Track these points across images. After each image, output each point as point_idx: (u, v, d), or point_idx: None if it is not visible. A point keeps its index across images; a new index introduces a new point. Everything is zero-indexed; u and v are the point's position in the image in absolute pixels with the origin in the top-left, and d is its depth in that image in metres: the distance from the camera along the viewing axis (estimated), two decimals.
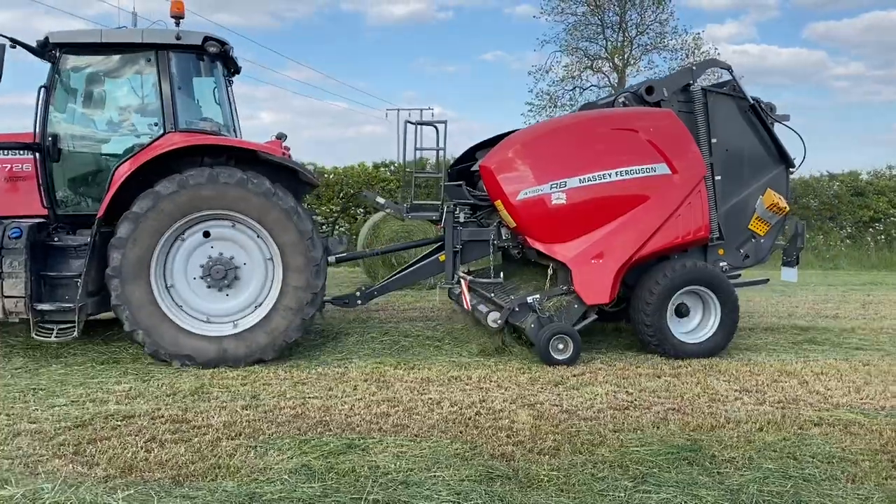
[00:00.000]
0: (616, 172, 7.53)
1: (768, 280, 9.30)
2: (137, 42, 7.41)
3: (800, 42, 71.55)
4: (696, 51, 35.67)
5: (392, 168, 19.35)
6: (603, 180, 7.52)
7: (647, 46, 36.29)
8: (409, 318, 10.00)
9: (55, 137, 7.37)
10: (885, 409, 5.98)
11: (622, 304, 8.10)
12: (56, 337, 6.90)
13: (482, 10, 72.88)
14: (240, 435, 5.02)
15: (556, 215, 7.50)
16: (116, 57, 7.59)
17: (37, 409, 5.59)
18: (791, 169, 8.43)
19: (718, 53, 34.43)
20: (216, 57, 7.83)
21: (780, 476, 4.36)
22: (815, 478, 4.36)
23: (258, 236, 7.28)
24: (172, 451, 4.64)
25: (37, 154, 7.38)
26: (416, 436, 5.06)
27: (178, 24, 7.50)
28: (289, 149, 8.70)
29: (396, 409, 5.72)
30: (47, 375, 6.69)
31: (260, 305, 7.34)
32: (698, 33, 37.54)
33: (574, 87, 37.32)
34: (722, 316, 7.86)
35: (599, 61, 36.81)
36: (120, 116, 7.94)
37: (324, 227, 13.98)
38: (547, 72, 36.96)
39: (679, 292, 7.76)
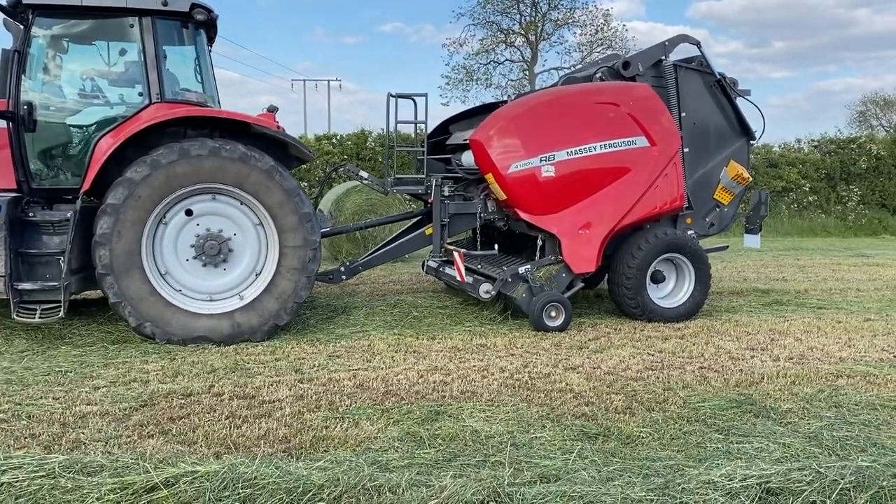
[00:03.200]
0: (601, 145, 7.85)
1: (727, 246, 9.91)
2: (121, 6, 7.02)
3: (684, 20, 74.94)
4: (604, 26, 36.90)
5: (334, 141, 19.13)
6: (589, 153, 7.83)
7: (559, 21, 37.14)
8: (402, 291, 10.06)
9: (30, 106, 6.92)
10: (885, 361, 6.57)
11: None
12: (40, 318, 6.53)
13: None
14: (318, 407, 5.02)
15: (545, 187, 7.75)
16: (97, 22, 7.20)
17: (82, 391, 5.37)
18: (752, 141, 9.00)
19: (626, 29, 35.57)
20: (201, 25, 7.56)
21: (843, 423, 4.78)
22: (871, 423, 4.79)
23: (242, 203, 7.12)
24: (263, 426, 4.61)
25: (10, 124, 6.93)
26: (490, 401, 5.20)
27: None
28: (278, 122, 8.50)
29: (451, 377, 5.84)
30: (63, 358, 6.40)
31: (261, 273, 7.22)
32: (608, 10, 38.65)
33: (489, 62, 37.88)
34: (696, 281, 8.34)
35: (513, 36, 37.40)
36: (100, 85, 7.55)
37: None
38: (462, 45, 37.31)
39: (657, 260, 8.19)
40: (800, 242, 19.07)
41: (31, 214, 6.86)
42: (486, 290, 7.86)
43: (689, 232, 8.69)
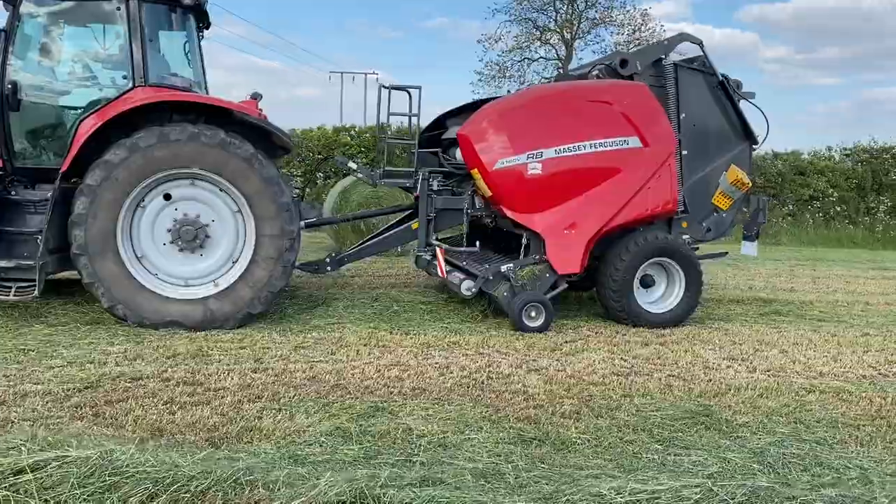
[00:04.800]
0: (590, 144, 7.65)
1: (727, 253, 9.62)
2: None
3: (733, 23, 73.58)
4: (642, 26, 36.35)
5: (352, 133, 19.14)
6: (578, 152, 7.63)
7: (595, 20, 36.70)
8: (391, 285, 10.00)
9: (15, 85, 6.96)
10: (867, 377, 6.30)
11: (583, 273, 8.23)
12: (15, 296, 6.61)
13: None
14: (260, 398, 4.97)
15: (531, 185, 7.58)
16: (84, 3, 7.24)
17: (35, 370, 5.40)
18: (754, 146, 8.73)
19: (664, 30, 34.95)
20: (189, 10, 7.55)
21: (795, 439, 4.58)
22: (826, 441, 4.59)
23: (221, 190, 7.09)
24: (197, 414, 4.57)
25: None
26: (437, 399, 5.10)
27: None
28: (262, 110, 8.35)
29: (408, 373, 5.74)
30: (32, 336, 6.45)
31: (237, 260, 7.19)
32: (646, 9, 38.07)
33: (523, 59, 37.60)
34: (686, 287, 8.11)
35: (548, 33, 37.08)
36: (86, 67, 7.58)
37: (296, 191, 13.68)
38: (496, 41, 37.10)
39: (645, 264, 7.97)
40: (823, 253, 18.54)
41: (12, 193, 6.95)
42: (467, 286, 7.75)
43: (685, 236, 8.47)
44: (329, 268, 8.45)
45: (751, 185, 8.56)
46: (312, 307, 8.16)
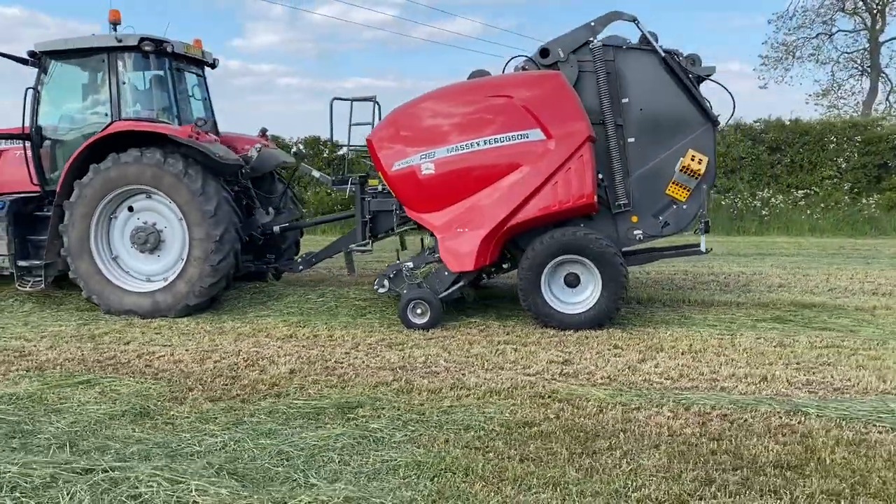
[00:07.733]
0: (485, 141, 7.46)
1: (711, 250, 8.41)
2: (94, 46, 8.83)
3: None
4: None
5: None
6: (471, 149, 7.49)
7: None
8: (351, 283, 10.47)
9: (39, 129, 9.07)
10: (684, 388, 5.54)
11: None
12: (31, 287, 8.77)
13: None
14: (39, 369, 6.16)
15: (425, 185, 7.65)
16: (85, 60, 9.05)
17: None
18: (717, 126, 7.61)
19: None
20: (159, 54, 8.95)
21: (350, 437, 4.50)
22: (378, 440, 4.48)
23: (171, 201, 8.41)
24: None
25: (27, 142, 9.09)
26: (153, 377, 5.90)
27: (114, 29, 8.87)
28: (208, 132, 9.10)
29: (193, 357, 6.52)
30: (31, 318, 8.44)
31: (185, 260, 8.48)
32: None
33: (818, 34, 33.54)
34: (602, 286, 7.44)
35: (853, 2, 32.57)
36: (87, 108, 9.36)
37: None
38: (790, 18, 33.64)
39: (554, 261, 7.52)
40: None
41: (44, 210, 9.12)
42: (376, 284, 8.12)
43: (636, 232, 7.79)
44: (301, 267, 9.39)
45: (702, 171, 7.53)
46: (265, 301, 9.17)
